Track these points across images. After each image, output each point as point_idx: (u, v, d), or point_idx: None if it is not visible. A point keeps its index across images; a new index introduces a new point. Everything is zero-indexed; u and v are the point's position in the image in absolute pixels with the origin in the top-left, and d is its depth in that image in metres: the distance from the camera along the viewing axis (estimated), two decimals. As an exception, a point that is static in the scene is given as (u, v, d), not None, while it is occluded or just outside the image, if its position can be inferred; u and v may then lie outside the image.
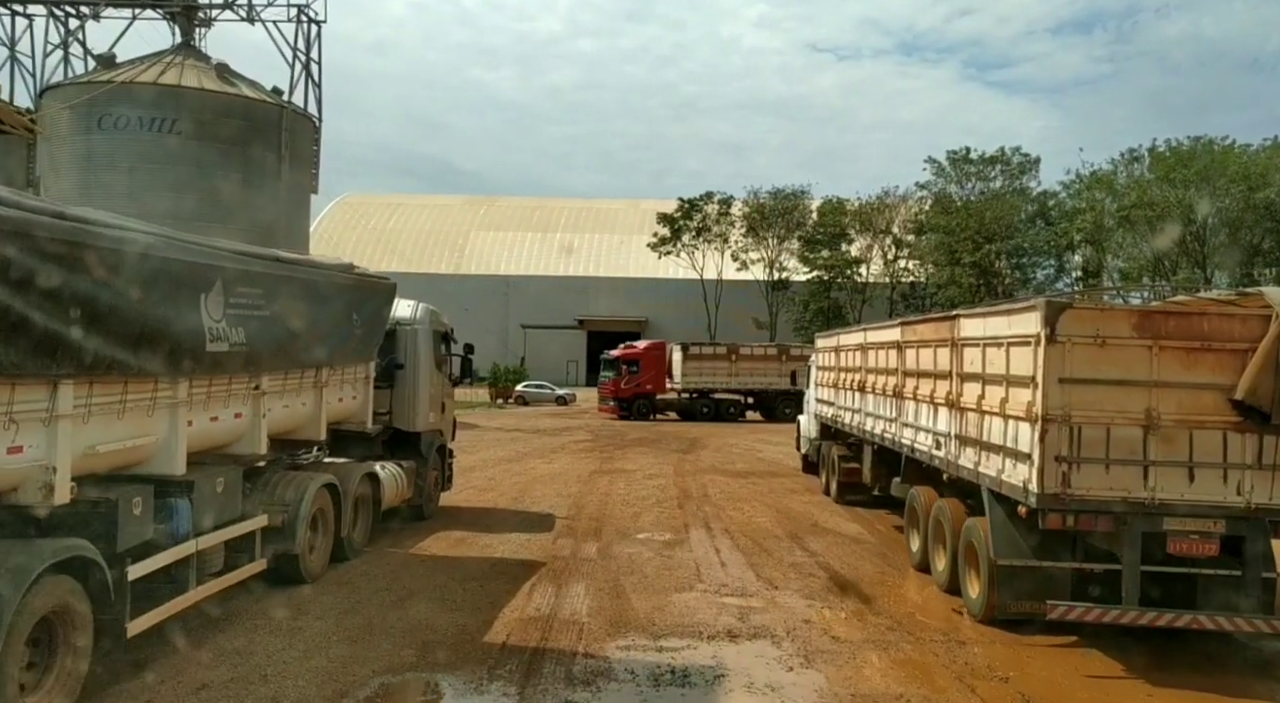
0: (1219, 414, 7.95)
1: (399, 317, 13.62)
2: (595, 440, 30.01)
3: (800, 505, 16.58)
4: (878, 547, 12.96)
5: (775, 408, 41.05)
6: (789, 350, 42.60)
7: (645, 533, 13.47)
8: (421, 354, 13.68)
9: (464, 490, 17.02)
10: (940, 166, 63.31)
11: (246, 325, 7.94)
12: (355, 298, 10.60)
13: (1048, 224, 61.47)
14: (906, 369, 12.28)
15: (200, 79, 31.96)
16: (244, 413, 8.36)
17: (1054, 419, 7.94)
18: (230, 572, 8.17)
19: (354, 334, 10.54)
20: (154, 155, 30.87)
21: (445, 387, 14.60)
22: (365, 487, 11.17)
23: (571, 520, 14.37)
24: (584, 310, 71.90)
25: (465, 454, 23.44)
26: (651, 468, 22.19)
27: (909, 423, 12.08)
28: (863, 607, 9.73)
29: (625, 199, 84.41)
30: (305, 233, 37.30)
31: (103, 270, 5.88)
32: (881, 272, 65.20)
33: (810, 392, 20.04)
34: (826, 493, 17.46)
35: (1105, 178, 58.39)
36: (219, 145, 31.46)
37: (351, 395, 10.94)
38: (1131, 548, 8.00)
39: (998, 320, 9.22)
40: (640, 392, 40.75)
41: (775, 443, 28.92)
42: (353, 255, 73.87)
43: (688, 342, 43.00)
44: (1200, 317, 8.14)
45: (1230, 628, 8.11)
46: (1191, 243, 54.42)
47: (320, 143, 36.48)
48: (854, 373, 15.37)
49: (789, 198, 65.71)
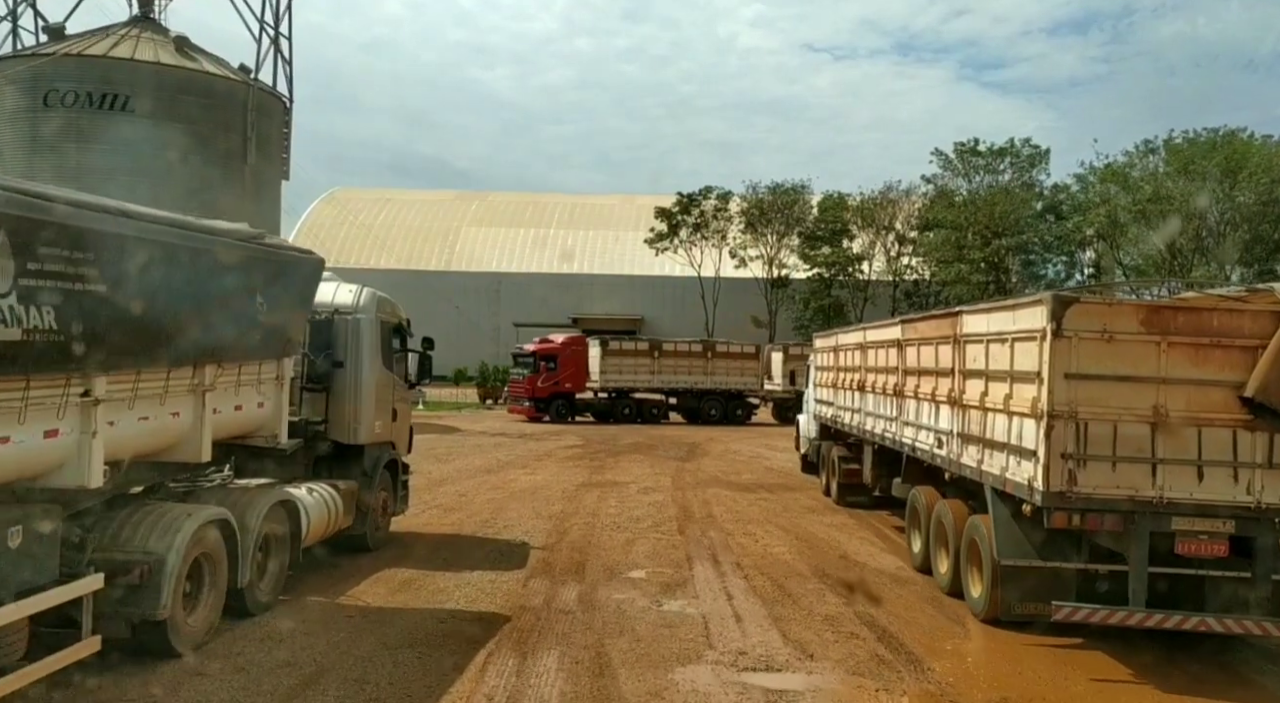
0: (1228, 412, 7.76)
1: (338, 303, 11.12)
2: (585, 447, 27.47)
3: (822, 529, 14.09)
4: (925, 589, 10.48)
5: (699, 409, 38.37)
6: (714, 346, 39.97)
7: (639, 570, 10.97)
8: (365, 350, 11.17)
9: (426, 510, 14.51)
10: (947, 159, 60.97)
11: (58, 304, 5.45)
12: (261, 275, 8.10)
13: (1059, 218, 59.15)
14: (907, 367, 12.09)
15: (157, 53, 29.35)
16: (64, 431, 5.84)
17: (1060, 415, 7.79)
18: (34, 663, 5.65)
19: (259, 322, 8.03)
20: (105, 135, 28.28)
21: (398, 389, 12.08)
22: (277, 521, 8.65)
23: (550, 551, 11.87)
24: (578, 309, 69.33)
25: (439, 463, 20.99)
26: (647, 479, 19.70)
27: (910, 422, 11.91)
28: (931, 687, 7.24)
29: (620, 194, 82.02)
30: (276, 223, 34.64)
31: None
32: (884, 269, 62.88)
33: (809, 392, 19.91)
34: (827, 494, 17.31)
35: (1119, 171, 56.08)
36: (177, 125, 28.80)
37: (257, 401, 8.41)
38: (1139, 548, 7.82)
39: (1002, 316, 9.08)
40: (559, 391, 36.99)
41: (782, 448, 26.31)
42: (341, 251, 72.08)
43: (606, 337, 39.82)
44: (1210, 312, 7.98)
45: (1239, 631, 7.93)
46: (1207, 238, 52.21)
47: (291, 125, 33.86)
48: (853, 372, 15.19)
49: (789, 193, 63.35)
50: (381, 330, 11.53)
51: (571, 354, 37.74)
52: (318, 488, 10.00)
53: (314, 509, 9.62)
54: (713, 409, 38.67)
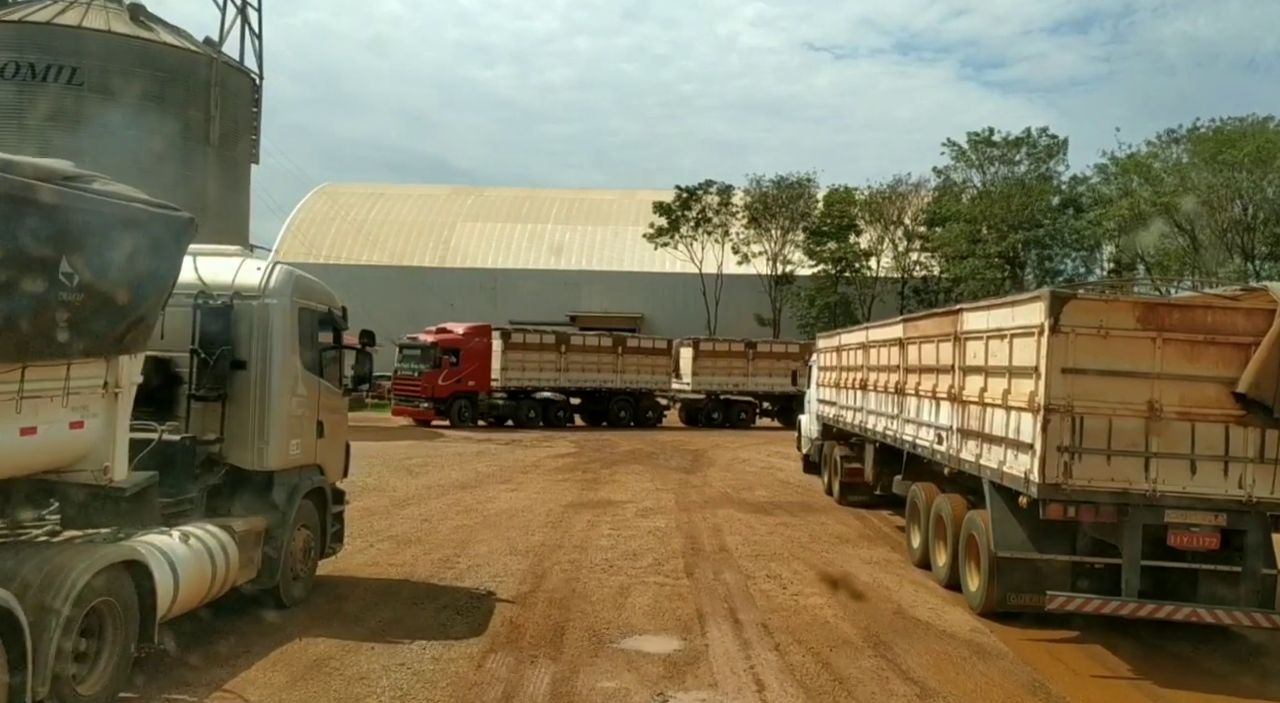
0: (1221, 407, 7.95)
1: (241, 285, 8.44)
2: (579, 455, 24.85)
3: (861, 567, 11.44)
4: (1017, 663, 7.84)
5: (609, 411, 35.23)
6: (625, 340, 36.65)
7: (635, 637, 8.30)
8: (277, 345, 8.49)
9: (377, 543, 11.87)
10: (960, 150, 58.25)
11: None
12: (70, 231, 5.44)
13: (1078, 212, 56.53)
14: (909, 365, 12.31)
15: (109, 21, 26.73)
16: None
17: (1057, 409, 7.97)
18: None
19: (63, 301, 5.37)
20: (49, 110, 25.65)
21: (326, 397, 9.40)
22: (114, 589, 5.97)
23: (522, 605, 9.21)
24: (576, 306, 66.71)
25: (409, 478, 18.37)
26: (647, 498, 17.06)
27: (911, 419, 12.10)
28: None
29: (619, 190, 79.41)
30: (244, 210, 32.06)
31: None
32: (892, 265, 60.28)
33: (811, 392, 20.09)
34: (829, 493, 17.52)
35: (1142, 162, 53.42)
36: (130, 101, 26.19)
37: (68, 420, 5.75)
38: (1132, 540, 8.02)
39: (1001, 312, 9.28)
40: (461, 390, 32.42)
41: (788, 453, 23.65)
42: (332, 248, 70.09)
43: (509, 328, 35.14)
44: (1204, 310, 8.18)
45: (1229, 621, 8.17)
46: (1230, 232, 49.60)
47: (261, 104, 31.23)
48: (856, 372, 15.42)
49: (793, 187, 60.76)
50: (301, 320, 8.84)
51: (476, 347, 33.05)
52: (199, 533, 7.33)
53: (187, 565, 6.95)
54: (622, 410, 35.49)
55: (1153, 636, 8.65)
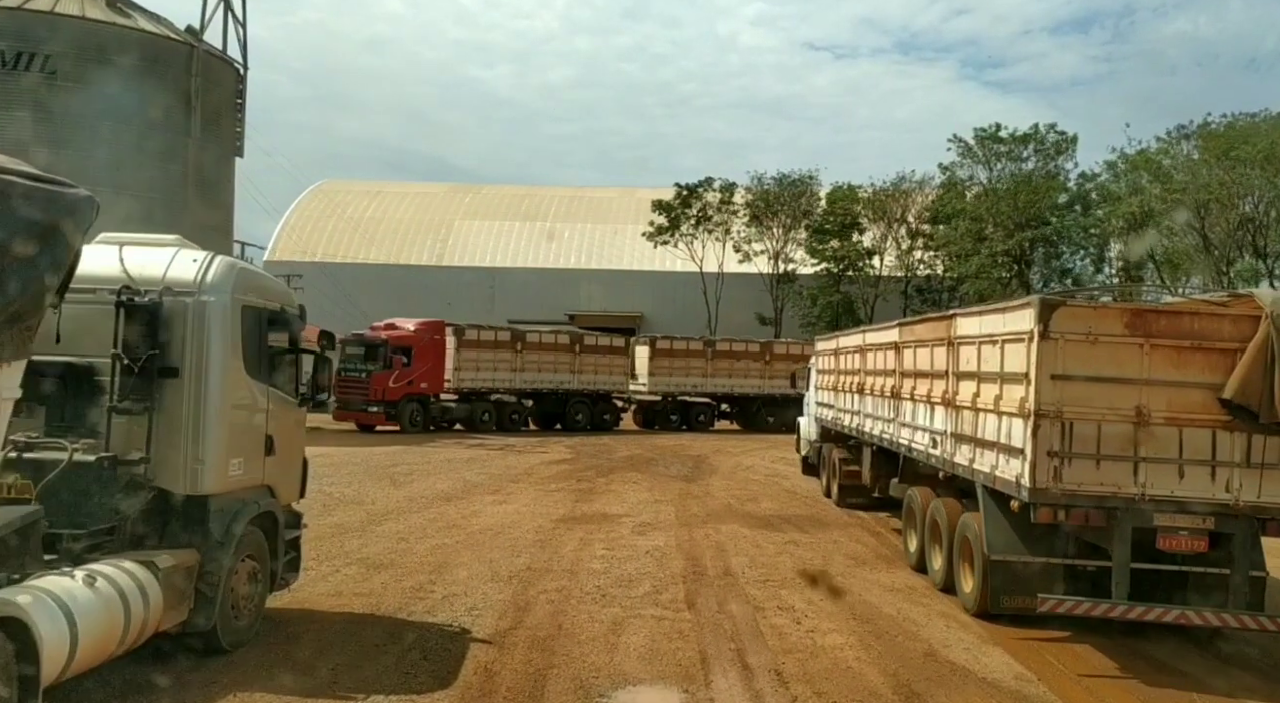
0: (1208, 412, 8.04)
1: (173, 280, 7.27)
2: (574, 461, 23.70)
3: (884, 597, 10.26)
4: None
5: (566, 414, 33.61)
6: (582, 339, 35.00)
7: (628, 689, 7.13)
8: (216, 349, 7.33)
9: (344, 567, 10.71)
10: (966, 146, 57.00)
11: None
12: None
13: (1086, 209, 55.36)
14: (904, 369, 12.43)
15: (84, 6, 25.56)
16: None
17: (1046, 414, 8.06)
18: None
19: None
20: (18, 100, 24.50)
21: (279, 408, 8.23)
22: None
23: (500, 647, 8.04)
24: (575, 305, 65.57)
25: (393, 488, 17.23)
26: (645, 511, 15.90)
27: (907, 423, 12.20)
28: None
29: (619, 188, 78.27)
30: (228, 206, 30.89)
31: None
32: (896, 264, 59.10)
33: (810, 394, 20.14)
34: (827, 495, 17.65)
35: (1152, 159, 52.24)
36: (106, 90, 24.98)
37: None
38: (1121, 543, 8.09)
39: (993, 319, 9.41)
40: (414, 391, 30.06)
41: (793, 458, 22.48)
42: (328, 246, 69.17)
43: (462, 326, 32.78)
44: (1191, 316, 8.26)
45: (1218, 623, 8.23)
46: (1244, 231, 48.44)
47: (245, 95, 30.04)
48: (853, 375, 15.60)
49: (796, 184, 59.59)
50: (245, 321, 7.67)
51: (429, 345, 30.79)
52: (108, 572, 6.17)
53: (89, 613, 5.79)
54: (579, 413, 33.95)
55: (1177, 643, 8.56)
